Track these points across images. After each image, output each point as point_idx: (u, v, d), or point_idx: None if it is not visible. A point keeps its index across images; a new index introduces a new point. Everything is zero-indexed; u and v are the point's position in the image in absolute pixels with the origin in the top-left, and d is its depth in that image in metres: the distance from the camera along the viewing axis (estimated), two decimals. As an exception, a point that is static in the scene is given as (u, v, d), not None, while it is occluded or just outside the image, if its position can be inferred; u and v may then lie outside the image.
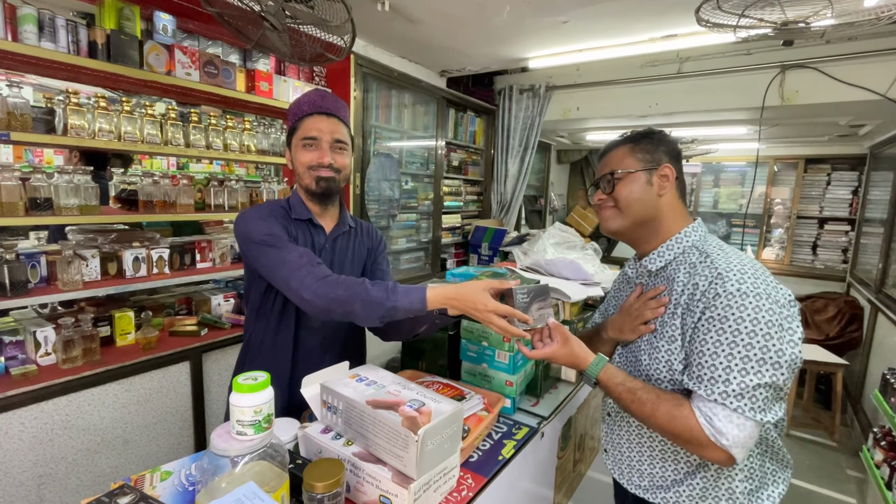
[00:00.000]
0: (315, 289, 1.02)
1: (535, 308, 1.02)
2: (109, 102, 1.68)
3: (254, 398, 0.70)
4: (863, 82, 2.47)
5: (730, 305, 0.82)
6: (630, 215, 1.00)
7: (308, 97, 1.20)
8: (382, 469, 0.83)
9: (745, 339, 0.81)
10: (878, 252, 3.28)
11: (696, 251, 0.95)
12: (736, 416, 0.81)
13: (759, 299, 0.81)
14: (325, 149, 1.17)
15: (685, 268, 0.94)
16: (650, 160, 1.00)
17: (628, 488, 1.05)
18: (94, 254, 1.69)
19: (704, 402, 0.84)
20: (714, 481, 0.94)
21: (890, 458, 2.22)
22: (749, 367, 0.80)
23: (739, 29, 1.24)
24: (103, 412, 1.60)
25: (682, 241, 0.98)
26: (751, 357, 0.80)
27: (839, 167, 4.28)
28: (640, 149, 1.01)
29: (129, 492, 0.73)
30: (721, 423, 0.82)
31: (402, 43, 2.65)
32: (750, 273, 0.84)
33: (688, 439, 0.85)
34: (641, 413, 0.91)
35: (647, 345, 0.98)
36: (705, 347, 0.85)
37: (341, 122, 1.21)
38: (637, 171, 1.00)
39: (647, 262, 1.02)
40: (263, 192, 2.28)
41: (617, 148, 1.05)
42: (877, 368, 3.00)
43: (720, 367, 0.83)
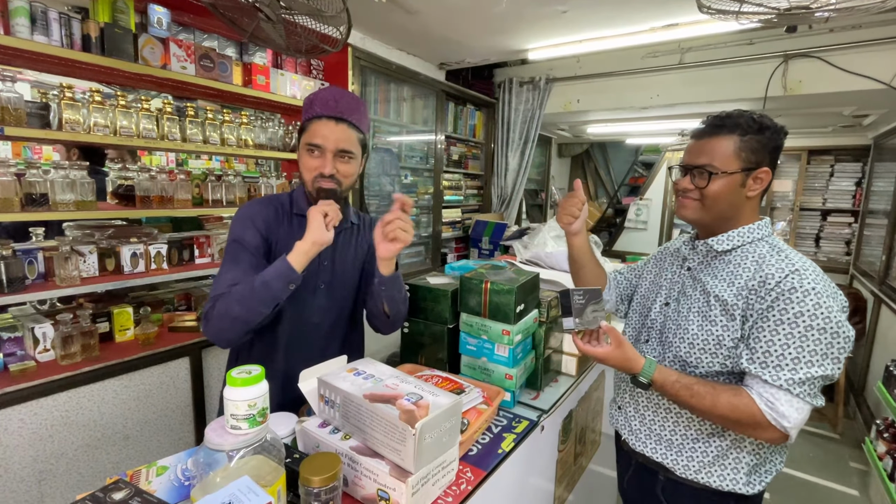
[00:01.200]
0: (209, 316, 1.06)
1: (589, 310, 1.04)
2: (104, 97, 1.67)
3: (248, 392, 0.69)
4: (867, 71, 2.44)
5: (805, 302, 0.88)
6: (713, 212, 1.01)
7: (322, 97, 1.14)
8: (380, 463, 0.82)
9: (815, 335, 0.87)
10: (882, 244, 3.26)
11: (765, 244, 0.99)
12: (797, 401, 0.88)
13: (830, 300, 0.88)
14: (328, 158, 1.12)
15: (753, 257, 0.98)
16: (752, 161, 0.97)
17: (635, 446, 1.10)
18: (92, 249, 1.68)
19: (766, 388, 0.90)
20: (726, 450, 1.00)
21: (893, 449, 2.21)
22: (815, 360, 0.87)
23: (741, 15, 1.22)
24: (103, 408, 1.60)
25: (754, 232, 1.01)
26: (817, 351, 0.87)
27: (843, 158, 4.25)
28: (747, 146, 0.96)
29: (124, 487, 0.72)
30: (784, 407, 0.88)
31: (399, 35, 2.62)
32: (821, 275, 0.91)
33: (749, 424, 0.91)
34: (701, 406, 0.95)
35: (698, 315, 1.01)
36: (776, 337, 0.89)
37: (352, 127, 1.14)
38: (736, 172, 0.97)
39: (714, 241, 1.03)
40: (262, 186, 2.27)
41: (722, 136, 0.98)
42: (880, 360, 2.98)
43: (789, 357, 0.88)
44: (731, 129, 0.97)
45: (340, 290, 1.27)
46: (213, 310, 1.05)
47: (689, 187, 1.02)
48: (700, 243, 1.07)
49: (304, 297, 1.21)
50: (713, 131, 1.00)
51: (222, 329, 1.06)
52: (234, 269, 1.09)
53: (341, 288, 1.27)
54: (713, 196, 0.99)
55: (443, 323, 1.33)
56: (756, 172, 0.97)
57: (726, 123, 0.98)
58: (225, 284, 1.07)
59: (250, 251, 1.12)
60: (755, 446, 1.00)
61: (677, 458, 1.06)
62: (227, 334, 1.06)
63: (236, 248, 1.12)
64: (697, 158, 1.01)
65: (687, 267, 1.10)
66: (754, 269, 0.96)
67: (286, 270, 1.03)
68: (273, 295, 1.03)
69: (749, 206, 1.01)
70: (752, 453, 1.00)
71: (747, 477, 1.00)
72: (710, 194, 0.99)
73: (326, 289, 1.23)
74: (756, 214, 1.02)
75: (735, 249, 1.01)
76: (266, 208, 1.19)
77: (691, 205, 1.03)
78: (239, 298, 1.03)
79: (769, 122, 0.97)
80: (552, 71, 3.44)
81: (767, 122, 0.97)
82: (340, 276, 1.26)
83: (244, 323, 1.04)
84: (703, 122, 1.03)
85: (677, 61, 2.97)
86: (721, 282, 1.00)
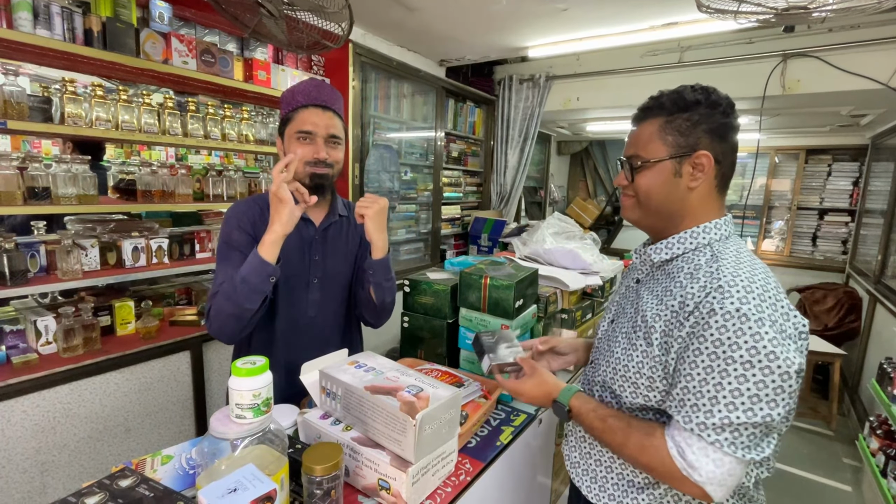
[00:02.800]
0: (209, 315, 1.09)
1: (502, 347, 1.07)
2: (106, 92, 1.68)
3: (253, 382, 0.70)
4: (865, 71, 2.45)
5: (726, 327, 0.70)
6: (649, 209, 0.87)
7: (303, 87, 1.18)
8: (381, 453, 0.84)
9: (738, 370, 0.69)
10: (878, 243, 3.28)
11: (708, 251, 0.82)
12: (712, 451, 0.71)
13: (760, 325, 0.69)
14: (321, 144, 1.16)
15: (689, 267, 0.81)
16: (683, 145, 0.82)
17: (574, 480, 0.99)
18: (94, 243, 1.69)
19: (680, 431, 0.75)
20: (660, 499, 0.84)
21: (885, 446, 2.24)
22: (738, 403, 0.69)
23: (740, 15, 1.23)
24: (105, 400, 1.62)
25: (699, 236, 0.83)
26: (742, 391, 0.69)
27: (840, 158, 4.26)
28: (672, 128, 0.82)
29: (131, 475, 0.74)
30: (694, 455, 0.72)
31: (400, 31, 2.63)
32: (758, 292, 0.71)
33: (661, 472, 0.77)
34: (613, 442, 0.83)
35: (624, 338, 0.87)
36: (695, 371, 0.73)
37: (336, 115, 1.19)
38: (662, 160, 0.83)
39: (652, 250, 0.89)
40: (262, 182, 2.28)
41: (644, 121, 0.86)
42: (874, 358, 3.01)
43: (706, 396, 0.71)
44: (654, 113, 0.85)
45: (335, 284, 1.28)
46: (210, 309, 1.10)
47: (622, 182, 0.90)
48: (643, 252, 0.93)
49: (299, 293, 1.23)
50: (641, 116, 0.88)
51: (221, 327, 1.09)
52: (226, 269, 1.12)
53: (335, 281, 1.28)
54: (644, 191, 0.86)
55: (442, 318, 1.35)
56: (691, 158, 0.81)
57: (652, 106, 0.86)
58: (218, 284, 1.10)
59: (239, 250, 1.14)
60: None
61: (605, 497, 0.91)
62: (226, 331, 1.10)
63: (226, 249, 1.15)
64: (626, 149, 0.89)
65: (636, 279, 0.94)
66: (685, 286, 0.78)
67: (259, 264, 1.05)
68: (254, 289, 1.05)
69: (699, 199, 0.84)
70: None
71: None
72: (641, 189, 0.86)
73: (320, 283, 1.25)
74: (714, 211, 0.85)
75: (676, 259, 0.85)
76: (251, 208, 1.21)
77: (627, 203, 0.91)
78: (226, 297, 1.06)
79: (702, 97, 0.81)
80: (552, 68, 3.44)
81: (699, 97, 0.81)
82: (333, 270, 1.27)
83: (236, 319, 1.07)
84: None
85: (676, 60, 2.98)
86: (653, 299, 0.84)
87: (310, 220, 1.23)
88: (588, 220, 5.51)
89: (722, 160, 0.83)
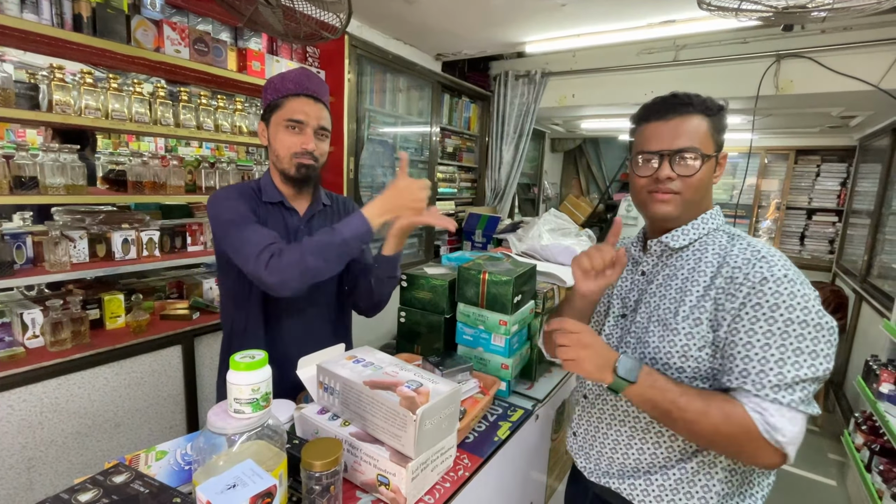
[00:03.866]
0: (271, 265, 1.01)
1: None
2: (95, 80, 1.63)
3: (252, 376, 0.69)
4: (856, 73, 2.48)
5: (779, 292, 0.75)
6: (692, 202, 0.88)
7: (294, 75, 1.15)
8: (380, 449, 0.83)
9: (796, 330, 0.74)
10: (864, 243, 3.34)
11: (723, 234, 0.88)
12: (788, 411, 0.74)
13: (805, 287, 0.76)
14: (310, 135, 1.13)
15: (713, 249, 0.86)
16: (719, 143, 0.89)
17: (590, 476, 0.99)
18: (82, 235, 1.65)
19: (751, 398, 0.76)
20: (692, 475, 0.86)
21: (870, 441, 2.29)
22: (802, 360, 0.74)
23: (741, 13, 1.24)
24: (93, 395, 1.59)
25: (709, 222, 0.89)
26: (803, 349, 0.74)
27: (829, 158, 4.33)
28: (714, 128, 0.87)
29: (125, 470, 0.72)
30: (774, 418, 0.74)
31: (397, 24, 2.60)
32: (789, 261, 0.79)
33: (744, 440, 0.75)
34: (692, 409, 0.77)
35: (658, 325, 0.87)
36: (755, 338, 0.76)
37: (325, 107, 1.18)
38: (713, 156, 0.87)
39: (669, 238, 0.90)
40: (256, 174, 2.25)
41: (693, 115, 0.86)
42: (860, 355, 3.07)
43: (772, 360, 0.75)
44: (698, 109, 0.86)
45: None
46: (277, 259, 1.00)
47: (671, 176, 0.86)
48: (653, 243, 0.94)
49: None
50: (683, 110, 0.86)
51: (290, 278, 1.00)
52: (258, 230, 1.05)
53: None
54: (697, 185, 0.86)
55: (440, 313, 1.34)
56: (719, 155, 0.89)
57: (693, 101, 0.87)
58: (266, 240, 1.03)
59: (253, 220, 1.09)
60: (727, 473, 0.85)
61: (635, 484, 0.91)
62: (295, 283, 1.02)
63: (241, 218, 1.08)
64: (675, 141, 0.85)
65: (641, 272, 0.96)
66: (718, 263, 0.83)
67: (366, 232, 1.03)
68: (350, 252, 1.03)
69: (709, 193, 0.91)
70: (723, 481, 0.85)
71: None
72: (696, 183, 0.86)
73: None
74: (711, 202, 0.93)
75: (692, 244, 0.89)
76: (243, 190, 1.17)
77: (673, 200, 0.87)
78: (315, 251, 1.00)
79: (722, 105, 0.89)
80: (548, 65, 3.44)
81: (721, 103, 0.89)
82: None
83: (316, 274, 1.02)
84: (656, 102, 0.90)
85: (672, 58, 2.99)
86: (682, 282, 0.86)
87: (293, 209, 1.21)
88: (581, 217, 5.53)
89: None
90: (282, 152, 1.14)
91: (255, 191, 1.19)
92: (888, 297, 2.64)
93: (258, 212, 1.15)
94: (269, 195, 1.18)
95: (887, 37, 2.39)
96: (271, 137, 1.16)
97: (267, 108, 1.16)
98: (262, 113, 1.19)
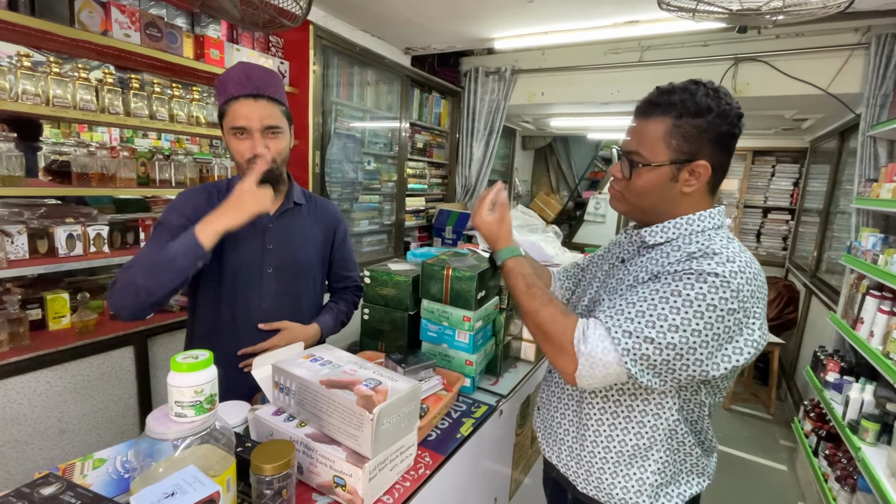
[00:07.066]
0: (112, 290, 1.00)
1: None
2: (35, 64, 1.52)
3: (194, 377, 0.65)
4: (807, 77, 2.60)
5: (690, 275, 0.73)
6: (640, 206, 0.88)
7: (233, 75, 1.08)
8: (336, 449, 0.81)
9: (677, 303, 0.73)
10: (814, 240, 3.52)
11: (701, 237, 0.82)
12: (608, 338, 0.76)
13: (725, 287, 0.72)
14: (257, 138, 1.09)
15: (690, 249, 0.81)
16: (685, 151, 0.80)
17: (547, 455, 1.03)
18: (21, 230, 1.54)
19: (594, 320, 0.79)
20: (626, 468, 0.88)
21: (817, 427, 2.42)
22: (658, 323, 0.73)
23: (698, 14, 1.27)
24: (34, 401, 1.49)
25: (693, 223, 0.84)
26: (667, 316, 0.73)
27: (783, 159, 4.54)
28: (679, 133, 0.79)
29: (55, 481, 0.67)
30: (591, 330, 0.77)
31: (364, 15, 2.55)
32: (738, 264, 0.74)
33: (554, 341, 0.81)
34: (529, 306, 0.87)
35: (608, 294, 0.91)
36: (640, 290, 0.78)
37: (272, 101, 1.10)
38: (663, 164, 0.81)
39: (646, 232, 0.89)
40: (215, 167, 2.16)
41: (651, 118, 0.82)
42: (809, 347, 3.24)
43: (635, 308, 0.76)
44: (665, 110, 0.80)
45: (294, 274, 1.23)
46: (116, 283, 1.00)
47: (617, 175, 0.88)
48: (634, 233, 0.94)
49: (251, 282, 1.17)
50: (647, 111, 0.83)
51: (123, 300, 0.99)
52: (150, 247, 1.05)
53: (295, 271, 1.23)
54: (638, 191, 0.85)
55: (403, 310, 1.32)
56: (690, 166, 0.80)
57: (661, 102, 0.81)
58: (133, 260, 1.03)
59: (170, 232, 1.06)
60: (660, 464, 0.86)
61: (578, 471, 0.94)
62: (128, 306, 0.99)
63: (158, 229, 1.10)
64: (628, 143, 0.86)
65: (621, 259, 0.97)
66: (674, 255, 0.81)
67: (192, 246, 0.98)
68: (178, 270, 0.98)
69: (688, 201, 0.84)
70: (655, 472, 0.87)
71: (651, 499, 0.87)
72: (635, 188, 0.85)
73: (275, 273, 1.19)
74: (705, 205, 0.86)
75: (669, 242, 0.85)
76: (198, 194, 1.15)
77: (617, 197, 0.90)
78: (143, 269, 0.98)
79: (713, 104, 0.78)
80: (518, 62, 3.46)
81: (710, 104, 0.78)
82: (291, 260, 1.22)
83: (147, 295, 0.98)
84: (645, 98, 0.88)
85: (637, 59, 3.06)
86: (647, 275, 0.84)
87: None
88: (551, 214, 5.61)
89: (718, 167, 0.82)
90: (237, 159, 1.12)
91: (222, 189, 1.17)
92: (835, 291, 2.79)
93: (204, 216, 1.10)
94: None
95: (836, 44, 2.51)
96: (226, 144, 1.14)
97: (219, 115, 1.13)
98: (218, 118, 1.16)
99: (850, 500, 1.91)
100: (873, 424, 1.86)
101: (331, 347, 1.02)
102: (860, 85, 2.48)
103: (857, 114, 2.59)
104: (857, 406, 1.98)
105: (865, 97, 2.36)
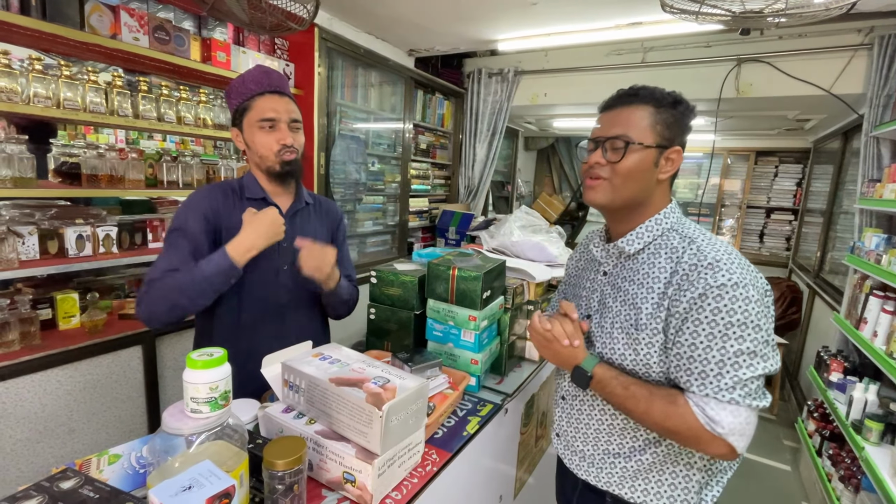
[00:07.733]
0: (143, 297, 1.05)
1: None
2: (46, 67, 1.55)
3: (210, 374, 0.67)
4: (810, 78, 2.61)
5: (721, 297, 0.78)
6: (623, 194, 0.89)
7: (254, 75, 1.16)
8: (346, 446, 0.82)
9: (737, 333, 0.77)
10: (817, 240, 3.52)
11: (675, 235, 0.89)
12: (728, 405, 0.79)
13: (747, 290, 0.78)
14: (285, 129, 1.15)
15: (666, 252, 0.87)
16: (668, 137, 0.87)
17: (577, 472, 1.01)
18: (32, 231, 1.56)
19: (697, 397, 0.81)
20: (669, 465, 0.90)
21: (821, 427, 2.42)
22: (742, 361, 0.78)
23: (701, 16, 1.28)
24: (45, 399, 1.51)
25: (662, 222, 0.90)
26: (743, 350, 0.77)
27: (786, 160, 4.53)
28: (662, 120, 0.86)
29: (73, 476, 0.69)
30: (713, 411, 0.79)
31: (369, 18, 2.57)
32: (737, 262, 0.80)
33: (686, 435, 0.81)
34: (636, 409, 0.85)
35: (622, 333, 0.90)
36: (697, 340, 0.80)
37: (291, 99, 1.20)
38: (651, 147, 0.86)
39: (623, 243, 0.93)
40: (222, 169, 2.18)
41: (636, 106, 0.87)
42: (812, 347, 3.24)
43: (712, 362, 0.79)
44: (644, 100, 0.87)
45: None
46: (147, 294, 1.05)
47: (600, 161, 0.89)
48: (610, 246, 0.96)
49: (268, 280, 1.20)
50: (627, 101, 0.89)
51: (157, 312, 1.05)
52: (172, 255, 1.08)
53: None
54: (626, 173, 0.87)
55: (409, 309, 1.33)
56: (668, 152, 0.87)
57: (640, 93, 0.88)
58: (160, 270, 1.06)
59: (190, 238, 1.10)
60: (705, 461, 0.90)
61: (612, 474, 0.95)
62: (160, 318, 1.06)
63: (176, 236, 1.11)
64: (610, 129, 0.88)
65: (603, 272, 0.98)
66: (671, 270, 0.85)
67: (228, 268, 1.04)
68: (214, 289, 1.06)
69: (660, 190, 0.91)
70: (701, 470, 0.90)
71: (698, 496, 0.90)
72: (623, 171, 0.87)
73: (290, 270, 1.22)
74: (666, 199, 0.93)
75: (647, 247, 0.91)
76: (213, 193, 1.18)
77: (601, 185, 0.90)
78: (179, 288, 1.03)
79: (682, 98, 0.88)
80: (521, 63, 3.47)
81: (679, 97, 0.88)
82: None
83: (184, 310, 1.06)
84: (612, 95, 0.93)
85: (640, 60, 3.06)
86: (639, 289, 0.89)
87: (276, 205, 1.21)
88: (553, 215, 5.62)
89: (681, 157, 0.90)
90: (264, 152, 1.15)
91: (235, 188, 1.20)
92: (838, 292, 2.79)
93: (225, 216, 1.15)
94: (253, 192, 1.20)
95: (839, 44, 2.52)
96: (248, 140, 1.16)
97: (236, 112, 1.17)
98: (232, 119, 1.20)
99: (853, 500, 1.92)
100: (877, 424, 1.86)
101: (339, 346, 1.03)
102: (863, 85, 2.48)
103: (860, 114, 2.59)
104: (861, 406, 1.98)
105: (868, 98, 2.36)
